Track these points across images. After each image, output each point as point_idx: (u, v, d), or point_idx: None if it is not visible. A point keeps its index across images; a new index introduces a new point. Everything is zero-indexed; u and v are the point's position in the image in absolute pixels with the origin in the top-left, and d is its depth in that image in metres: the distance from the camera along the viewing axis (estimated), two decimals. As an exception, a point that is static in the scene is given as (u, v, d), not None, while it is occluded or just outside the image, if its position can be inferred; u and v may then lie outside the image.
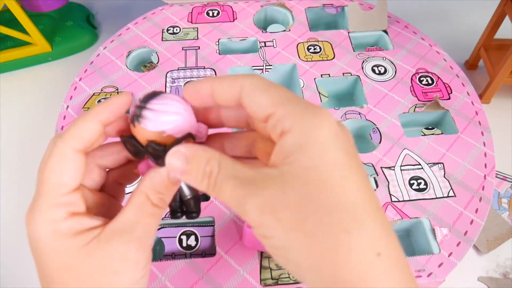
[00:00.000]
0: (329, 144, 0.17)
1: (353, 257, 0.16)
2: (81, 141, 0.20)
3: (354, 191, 0.17)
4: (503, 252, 0.39)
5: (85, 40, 0.58)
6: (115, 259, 0.20)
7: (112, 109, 0.21)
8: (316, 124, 0.17)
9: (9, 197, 0.43)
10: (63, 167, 0.20)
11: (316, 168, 0.17)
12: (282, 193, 0.17)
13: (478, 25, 0.53)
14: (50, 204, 0.19)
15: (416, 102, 0.43)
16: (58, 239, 0.19)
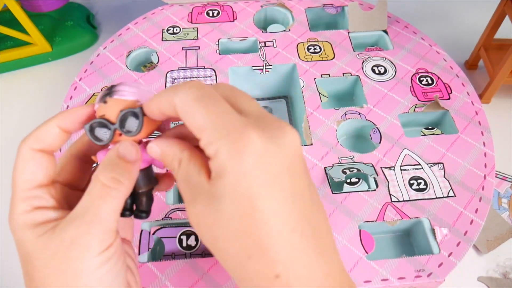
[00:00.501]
0: (244, 175, 0.18)
1: (253, 279, 0.19)
2: (38, 141, 0.22)
3: (260, 221, 0.18)
4: (503, 252, 0.39)
5: (85, 40, 0.58)
6: (66, 245, 0.20)
7: (71, 116, 0.22)
8: (235, 152, 0.18)
9: (9, 197, 0.43)
10: (23, 166, 0.22)
11: (229, 196, 0.18)
12: (205, 212, 0.19)
13: (478, 25, 0.53)
14: (16, 199, 0.21)
15: (416, 102, 0.43)
16: (21, 230, 0.21)
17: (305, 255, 0.19)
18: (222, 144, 0.18)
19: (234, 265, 0.19)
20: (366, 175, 0.38)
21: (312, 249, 0.19)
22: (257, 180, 0.18)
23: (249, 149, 0.18)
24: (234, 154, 0.18)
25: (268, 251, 0.18)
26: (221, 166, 0.18)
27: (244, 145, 0.18)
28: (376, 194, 0.36)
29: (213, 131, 0.19)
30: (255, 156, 0.18)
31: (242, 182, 0.18)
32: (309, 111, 0.42)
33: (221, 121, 0.19)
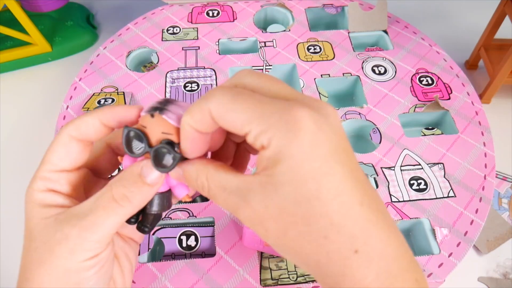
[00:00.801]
0: (303, 157, 0.17)
1: (332, 257, 0.18)
2: (77, 130, 0.22)
3: (329, 200, 0.18)
4: (503, 252, 0.39)
5: (85, 40, 0.58)
6: (57, 240, 0.20)
7: (115, 113, 0.22)
8: (290, 137, 0.17)
9: (9, 197, 0.43)
10: (55, 148, 0.22)
11: (291, 182, 0.18)
12: (265, 206, 0.18)
13: (478, 25, 0.53)
14: (37, 175, 0.22)
15: (416, 102, 0.43)
16: (31, 205, 0.22)
17: (379, 229, 0.18)
18: (275, 130, 0.18)
19: (310, 250, 0.18)
20: (366, 175, 0.38)
21: (383, 223, 0.19)
22: (318, 158, 0.18)
23: (303, 129, 0.17)
24: (290, 136, 0.17)
25: (344, 227, 0.18)
26: (278, 152, 0.18)
27: (298, 126, 0.17)
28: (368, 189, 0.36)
29: (261, 120, 0.18)
30: (311, 135, 0.18)
31: (304, 163, 0.17)
32: (309, 111, 0.42)
33: (266, 109, 0.18)
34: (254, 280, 0.31)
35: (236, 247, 0.33)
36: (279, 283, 0.31)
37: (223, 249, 0.33)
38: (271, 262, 0.32)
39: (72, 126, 0.22)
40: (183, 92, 0.44)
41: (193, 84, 0.45)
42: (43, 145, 0.46)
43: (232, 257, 0.32)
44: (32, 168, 0.23)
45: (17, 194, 0.43)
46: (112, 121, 0.22)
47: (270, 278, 0.32)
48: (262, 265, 0.32)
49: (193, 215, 0.35)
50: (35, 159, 0.46)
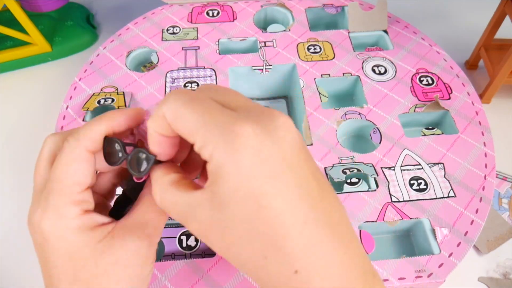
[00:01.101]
0: (244, 175, 0.17)
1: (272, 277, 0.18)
2: (94, 142, 0.21)
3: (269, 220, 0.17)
4: (503, 252, 0.39)
5: (85, 40, 0.58)
6: (128, 254, 0.21)
7: (126, 118, 0.22)
8: (230, 153, 0.17)
9: (9, 197, 0.43)
10: (78, 167, 0.21)
11: (231, 202, 0.17)
12: (209, 223, 0.18)
13: (478, 25, 0.53)
14: (65, 201, 0.20)
15: (416, 102, 0.43)
16: (74, 234, 0.20)
17: (322, 246, 0.18)
18: (216, 144, 0.17)
19: (251, 267, 0.18)
20: (366, 175, 0.38)
21: (329, 239, 0.18)
22: (258, 177, 0.17)
23: (244, 145, 0.17)
24: (229, 153, 0.17)
25: (284, 248, 0.17)
26: (218, 168, 0.17)
27: (238, 142, 0.17)
28: (376, 194, 0.36)
29: (205, 132, 0.18)
30: (252, 152, 0.17)
31: (243, 182, 0.17)
32: (309, 111, 0.42)
33: (212, 120, 0.18)
34: (254, 280, 0.31)
35: (236, 247, 0.33)
36: (279, 283, 0.31)
37: (223, 249, 0.33)
38: (271, 262, 0.32)
39: (88, 140, 0.21)
40: (183, 92, 0.44)
41: (193, 84, 0.45)
42: (43, 145, 0.46)
43: (232, 257, 0.32)
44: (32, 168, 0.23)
45: (18, 194, 0.43)
46: (123, 126, 0.22)
47: (270, 278, 0.32)
48: (262, 265, 0.32)
49: (193, 215, 0.35)
50: (35, 159, 0.46)
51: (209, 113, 0.18)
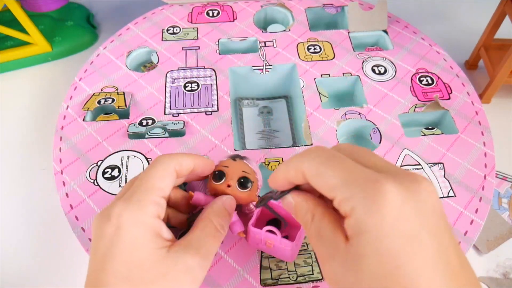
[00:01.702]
0: (385, 232, 0.17)
1: None
2: (181, 166, 0.26)
3: (407, 281, 0.17)
4: (503, 252, 0.39)
5: (85, 40, 0.58)
6: (181, 270, 0.22)
7: (203, 167, 0.28)
8: (373, 210, 0.17)
9: (10, 197, 0.43)
10: (164, 176, 0.25)
11: (370, 256, 0.18)
12: (344, 271, 0.19)
13: (478, 25, 0.53)
14: (148, 199, 0.23)
15: (416, 102, 0.43)
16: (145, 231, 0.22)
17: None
18: (357, 200, 0.18)
19: None
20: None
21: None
22: (398, 237, 0.17)
23: (386, 203, 0.17)
24: (371, 210, 0.17)
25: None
26: (359, 223, 0.18)
27: (381, 200, 0.17)
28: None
29: (346, 188, 0.18)
30: (394, 211, 0.17)
31: (383, 240, 0.17)
32: (309, 111, 0.42)
33: (352, 177, 0.18)
34: (254, 280, 0.31)
35: (236, 247, 0.33)
36: (279, 283, 0.31)
37: (223, 249, 0.33)
38: (271, 262, 0.32)
39: (178, 161, 0.26)
40: (183, 92, 0.44)
41: (193, 84, 0.45)
42: (43, 145, 0.46)
43: (232, 257, 0.32)
44: (32, 168, 0.23)
45: (18, 194, 0.44)
46: (199, 168, 0.28)
47: (270, 278, 0.32)
48: (262, 265, 0.32)
49: (193, 215, 0.35)
50: (35, 159, 0.46)
51: (349, 171, 0.19)
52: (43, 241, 0.40)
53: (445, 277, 0.17)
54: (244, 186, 0.29)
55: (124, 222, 0.22)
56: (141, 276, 0.21)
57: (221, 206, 0.26)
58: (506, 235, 0.39)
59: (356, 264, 0.18)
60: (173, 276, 0.22)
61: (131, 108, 0.43)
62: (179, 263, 0.22)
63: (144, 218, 0.22)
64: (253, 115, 0.47)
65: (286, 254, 0.30)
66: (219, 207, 0.26)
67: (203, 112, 0.42)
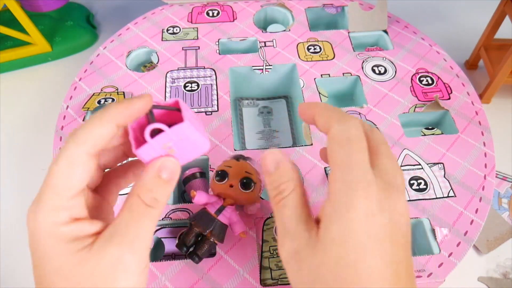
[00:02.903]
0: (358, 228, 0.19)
1: None
2: (95, 145, 0.20)
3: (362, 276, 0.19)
4: (503, 252, 0.39)
5: (85, 40, 0.58)
6: (107, 264, 0.19)
7: (131, 112, 0.20)
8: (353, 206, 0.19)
9: (9, 197, 0.43)
10: (72, 171, 0.19)
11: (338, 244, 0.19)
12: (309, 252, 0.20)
13: (478, 25, 0.53)
14: (54, 206, 0.19)
15: (416, 102, 0.43)
16: (55, 242, 0.19)
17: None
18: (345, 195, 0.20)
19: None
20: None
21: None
22: (366, 236, 0.19)
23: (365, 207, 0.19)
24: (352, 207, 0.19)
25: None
26: (337, 213, 0.20)
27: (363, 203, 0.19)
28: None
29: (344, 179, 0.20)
30: (368, 215, 0.19)
31: (353, 234, 0.19)
32: (309, 111, 0.42)
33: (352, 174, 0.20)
34: (254, 280, 0.31)
35: (236, 247, 0.33)
36: (279, 283, 0.31)
37: (223, 249, 0.33)
38: (271, 262, 0.32)
39: (89, 143, 0.20)
40: (183, 92, 0.44)
41: (193, 84, 0.45)
42: (43, 145, 0.46)
43: (232, 257, 0.32)
44: (32, 168, 0.23)
45: (17, 194, 0.43)
46: (129, 120, 0.21)
47: (270, 278, 0.32)
48: (262, 265, 0.32)
49: (193, 215, 0.35)
50: (35, 159, 0.46)
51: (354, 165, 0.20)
52: (43, 241, 0.40)
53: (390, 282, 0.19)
54: (247, 186, 0.29)
55: (35, 236, 0.19)
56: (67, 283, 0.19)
57: (152, 175, 0.21)
58: (506, 235, 0.39)
59: (323, 249, 0.20)
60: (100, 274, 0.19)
61: (131, 108, 0.43)
62: (104, 257, 0.19)
63: (56, 229, 0.19)
64: (253, 115, 0.47)
65: (196, 144, 0.22)
66: (150, 177, 0.21)
67: (203, 112, 0.42)
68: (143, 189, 0.20)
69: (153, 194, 0.20)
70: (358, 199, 0.19)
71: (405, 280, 0.20)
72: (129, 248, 0.19)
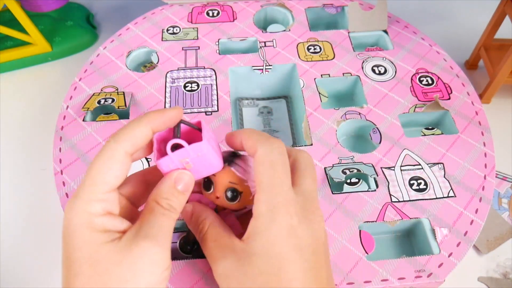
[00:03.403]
0: (280, 240, 0.22)
1: None
2: (133, 145, 0.22)
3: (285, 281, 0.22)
4: (503, 252, 0.39)
5: (85, 40, 0.58)
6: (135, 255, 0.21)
7: (165, 119, 0.23)
8: (276, 221, 0.22)
9: (9, 197, 0.43)
10: (110, 167, 0.22)
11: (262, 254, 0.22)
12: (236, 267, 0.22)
13: (478, 25, 0.53)
14: (90, 198, 0.21)
15: (416, 102, 0.43)
16: (88, 231, 0.21)
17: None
18: (268, 212, 0.22)
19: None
20: (366, 175, 0.38)
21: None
22: (288, 247, 0.22)
23: (286, 221, 0.22)
24: (274, 222, 0.22)
25: None
26: (261, 228, 0.22)
27: (283, 218, 0.22)
28: (376, 195, 0.36)
29: (267, 198, 0.23)
30: (290, 228, 0.22)
31: (275, 245, 0.22)
32: (309, 111, 0.42)
33: (275, 192, 0.23)
34: (254, 280, 0.31)
35: (236, 247, 0.33)
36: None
37: (223, 249, 0.33)
38: (271, 262, 0.32)
39: (128, 142, 0.22)
40: (183, 92, 0.44)
41: (193, 84, 0.45)
42: (43, 145, 0.46)
43: (232, 257, 0.32)
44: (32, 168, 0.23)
45: (18, 194, 0.44)
46: (162, 127, 0.23)
47: (270, 278, 0.32)
48: (262, 265, 0.32)
49: (193, 215, 0.35)
50: (35, 159, 0.46)
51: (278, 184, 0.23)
52: (43, 241, 0.40)
53: (313, 284, 0.22)
54: (233, 199, 0.26)
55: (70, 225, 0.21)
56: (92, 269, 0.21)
57: (168, 185, 0.23)
58: (506, 235, 0.39)
59: (248, 261, 0.22)
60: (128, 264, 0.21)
61: (131, 108, 0.43)
62: (133, 249, 0.21)
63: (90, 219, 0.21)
64: (253, 115, 0.47)
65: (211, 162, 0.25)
66: (166, 186, 0.23)
67: (203, 112, 0.42)
68: (159, 196, 0.23)
69: (169, 202, 0.23)
70: (279, 215, 0.22)
71: (326, 284, 0.23)
72: (155, 241, 0.21)
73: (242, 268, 0.22)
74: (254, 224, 0.23)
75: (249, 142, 0.24)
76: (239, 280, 0.22)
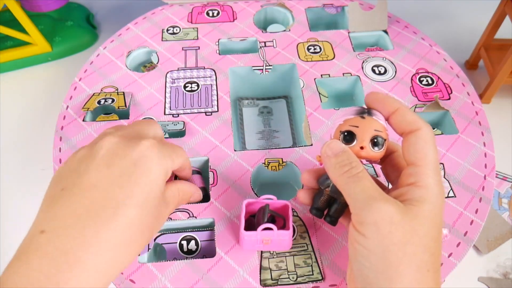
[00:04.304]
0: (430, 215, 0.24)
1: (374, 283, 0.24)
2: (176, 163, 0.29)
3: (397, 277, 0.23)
4: (503, 252, 0.39)
5: (85, 40, 0.58)
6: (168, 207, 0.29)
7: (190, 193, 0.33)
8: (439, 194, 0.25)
9: (9, 197, 0.43)
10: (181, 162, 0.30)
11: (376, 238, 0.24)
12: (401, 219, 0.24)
13: (478, 25, 0.53)
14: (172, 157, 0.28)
15: (416, 102, 0.43)
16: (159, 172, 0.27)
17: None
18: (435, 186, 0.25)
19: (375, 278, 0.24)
20: (366, 175, 0.38)
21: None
22: (442, 222, 0.25)
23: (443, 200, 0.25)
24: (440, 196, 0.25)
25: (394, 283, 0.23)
26: (431, 198, 0.24)
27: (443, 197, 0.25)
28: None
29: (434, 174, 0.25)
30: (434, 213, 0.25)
31: (438, 217, 0.25)
32: (309, 111, 0.42)
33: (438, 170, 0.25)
34: (254, 280, 0.31)
35: (236, 248, 0.33)
36: (279, 283, 0.31)
37: (223, 249, 0.33)
38: (271, 262, 0.32)
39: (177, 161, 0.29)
40: (183, 93, 0.44)
41: (193, 84, 0.45)
42: (43, 145, 0.46)
43: (232, 258, 0.32)
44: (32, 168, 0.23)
45: (17, 194, 0.44)
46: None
47: (270, 278, 0.32)
48: (262, 265, 0.32)
49: (193, 215, 0.35)
50: (35, 159, 0.46)
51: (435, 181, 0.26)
52: (43, 241, 0.40)
53: (420, 283, 0.23)
54: (381, 145, 0.27)
55: (150, 157, 0.26)
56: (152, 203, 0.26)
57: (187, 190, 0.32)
58: (506, 235, 0.39)
59: (417, 221, 0.24)
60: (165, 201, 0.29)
61: (131, 108, 0.43)
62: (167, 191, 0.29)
63: (165, 164, 0.27)
64: (253, 115, 0.47)
65: (285, 244, 0.31)
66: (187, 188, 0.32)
67: (203, 113, 0.42)
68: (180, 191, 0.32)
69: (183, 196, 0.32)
70: (442, 193, 0.25)
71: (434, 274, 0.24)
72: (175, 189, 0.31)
73: (410, 222, 0.23)
74: (423, 193, 0.24)
75: (410, 117, 0.26)
76: (405, 232, 0.23)
